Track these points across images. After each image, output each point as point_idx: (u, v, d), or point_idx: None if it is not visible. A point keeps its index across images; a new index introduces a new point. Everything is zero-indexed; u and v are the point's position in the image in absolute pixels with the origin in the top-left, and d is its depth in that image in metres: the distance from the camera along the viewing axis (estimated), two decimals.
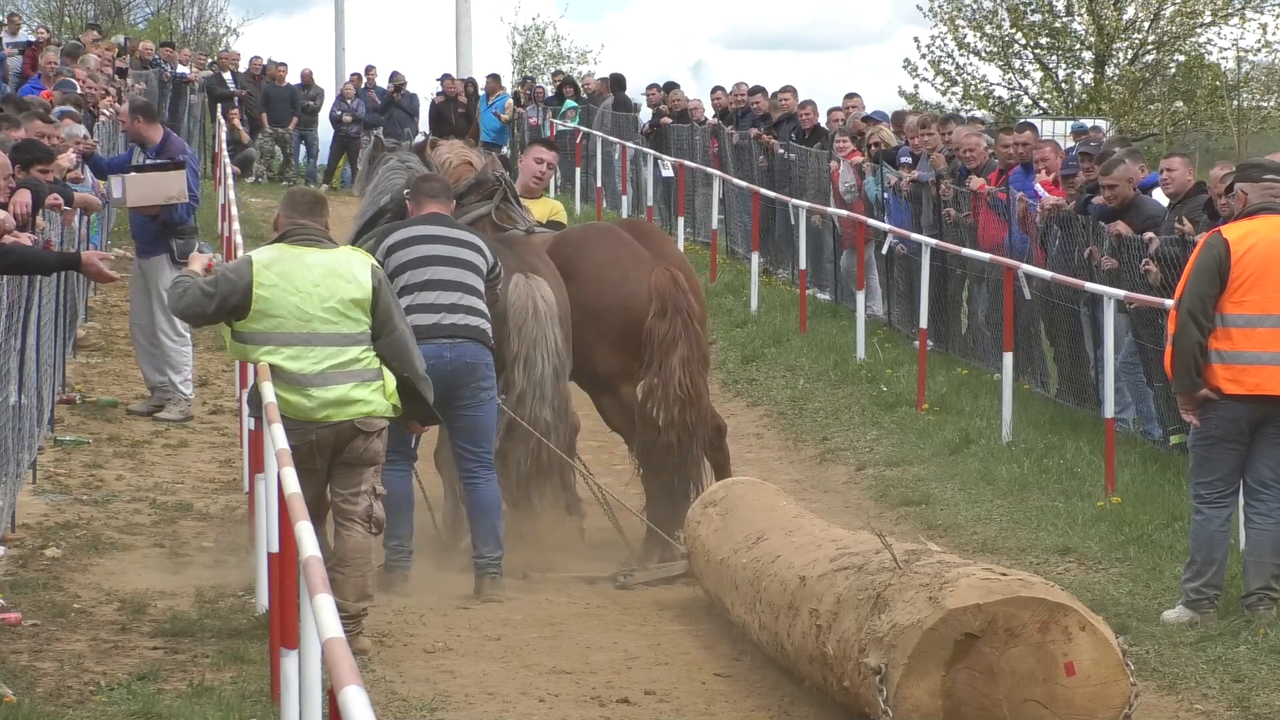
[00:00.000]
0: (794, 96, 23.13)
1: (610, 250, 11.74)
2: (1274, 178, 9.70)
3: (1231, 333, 9.52)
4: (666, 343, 11.46)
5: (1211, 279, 9.50)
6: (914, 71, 39.64)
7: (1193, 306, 9.51)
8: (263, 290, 9.08)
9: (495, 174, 12.09)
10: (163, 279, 14.65)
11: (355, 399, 9.13)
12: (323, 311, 9.11)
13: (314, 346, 9.09)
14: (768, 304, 19.96)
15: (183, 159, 14.61)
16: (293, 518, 6.46)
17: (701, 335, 11.75)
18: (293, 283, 9.11)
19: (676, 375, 11.44)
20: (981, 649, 7.54)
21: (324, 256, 9.23)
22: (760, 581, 9.05)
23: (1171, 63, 38.98)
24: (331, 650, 4.94)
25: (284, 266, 9.16)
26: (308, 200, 9.58)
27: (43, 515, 11.69)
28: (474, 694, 8.67)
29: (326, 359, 9.10)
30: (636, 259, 11.66)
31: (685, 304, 11.56)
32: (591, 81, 32.20)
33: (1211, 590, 9.65)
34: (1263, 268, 9.49)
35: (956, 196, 16.84)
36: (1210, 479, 9.66)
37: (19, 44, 26.83)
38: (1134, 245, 13.27)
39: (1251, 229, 9.57)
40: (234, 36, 50.17)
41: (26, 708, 8.04)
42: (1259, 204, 9.63)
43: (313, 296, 9.11)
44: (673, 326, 11.48)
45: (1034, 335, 15.78)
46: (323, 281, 9.14)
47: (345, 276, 9.19)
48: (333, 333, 9.11)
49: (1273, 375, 9.48)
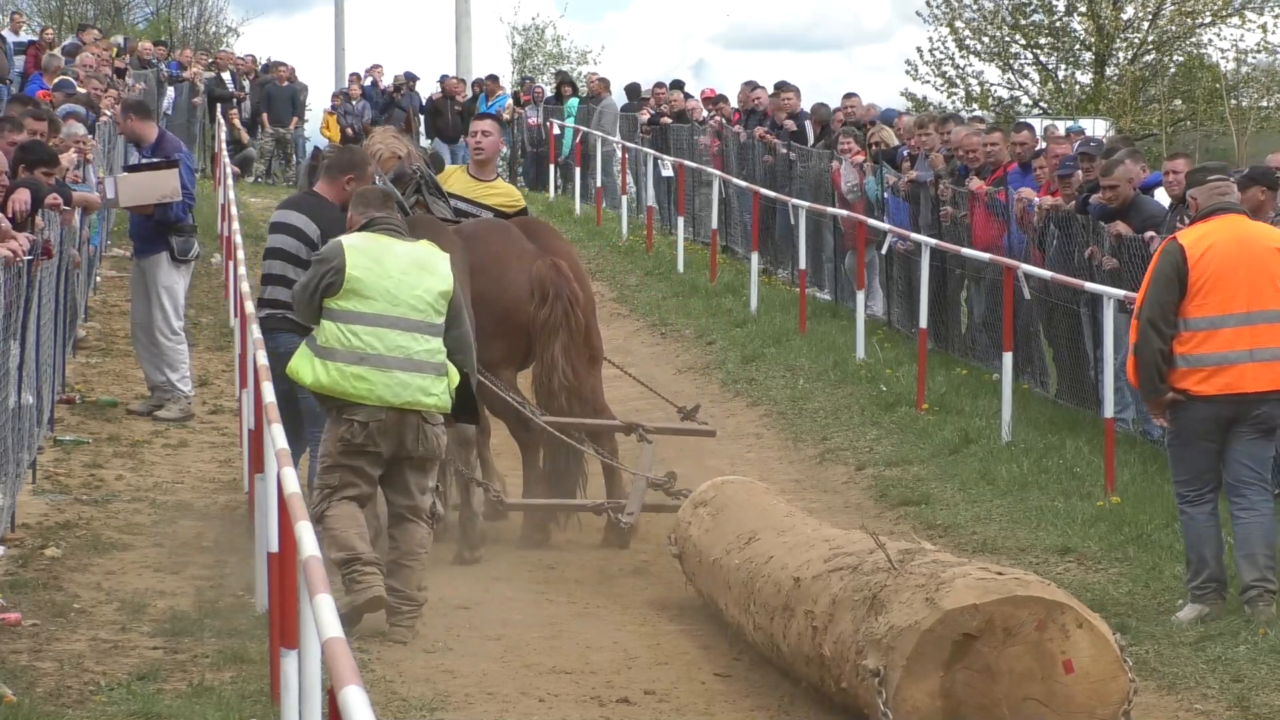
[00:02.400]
0: (796, 96, 23.17)
1: (496, 243, 11.85)
2: (1219, 178, 9.91)
3: (1197, 335, 9.66)
4: (548, 330, 11.66)
5: (1170, 286, 9.65)
6: (915, 74, 39.72)
7: (1152, 315, 9.67)
8: (356, 271, 9.38)
9: (413, 167, 12.23)
10: (162, 277, 14.67)
11: (430, 390, 9.44)
12: (410, 299, 9.43)
13: (400, 331, 9.40)
14: (768, 304, 19.96)
15: (177, 157, 14.61)
16: (293, 518, 6.47)
17: (587, 323, 11.85)
18: (384, 267, 9.44)
19: (560, 365, 11.64)
20: (979, 649, 7.55)
21: (410, 247, 9.59)
22: (754, 582, 9.05)
23: (1171, 63, 39.01)
24: (331, 650, 4.95)
25: (376, 252, 9.48)
26: (379, 195, 9.92)
27: (43, 515, 11.69)
28: (474, 694, 8.68)
29: (410, 345, 9.41)
30: (520, 251, 11.80)
31: (567, 290, 11.69)
32: (593, 81, 32.19)
33: (1213, 583, 9.77)
34: (1220, 269, 9.64)
35: (955, 197, 16.85)
36: (1187, 478, 9.83)
37: (21, 43, 26.85)
38: (1134, 245, 13.27)
39: (1205, 232, 9.73)
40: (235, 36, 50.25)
41: (26, 708, 8.05)
42: (1210, 206, 9.80)
43: (402, 284, 9.43)
44: (553, 313, 11.65)
45: (1033, 335, 15.79)
46: (410, 271, 9.48)
47: (430, 269, 9.54)
48: (419, 320, 9.44)
49: (1241, 374, 9.62)
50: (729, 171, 23.24)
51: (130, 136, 15.14)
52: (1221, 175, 9.96)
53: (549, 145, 30.57)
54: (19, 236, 10.76)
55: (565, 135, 30.09)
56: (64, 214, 13.01)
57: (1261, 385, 9.63)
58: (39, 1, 48.27)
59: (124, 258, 22.25)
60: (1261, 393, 9.64)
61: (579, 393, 11.78)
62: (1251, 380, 9.62)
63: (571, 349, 11.69)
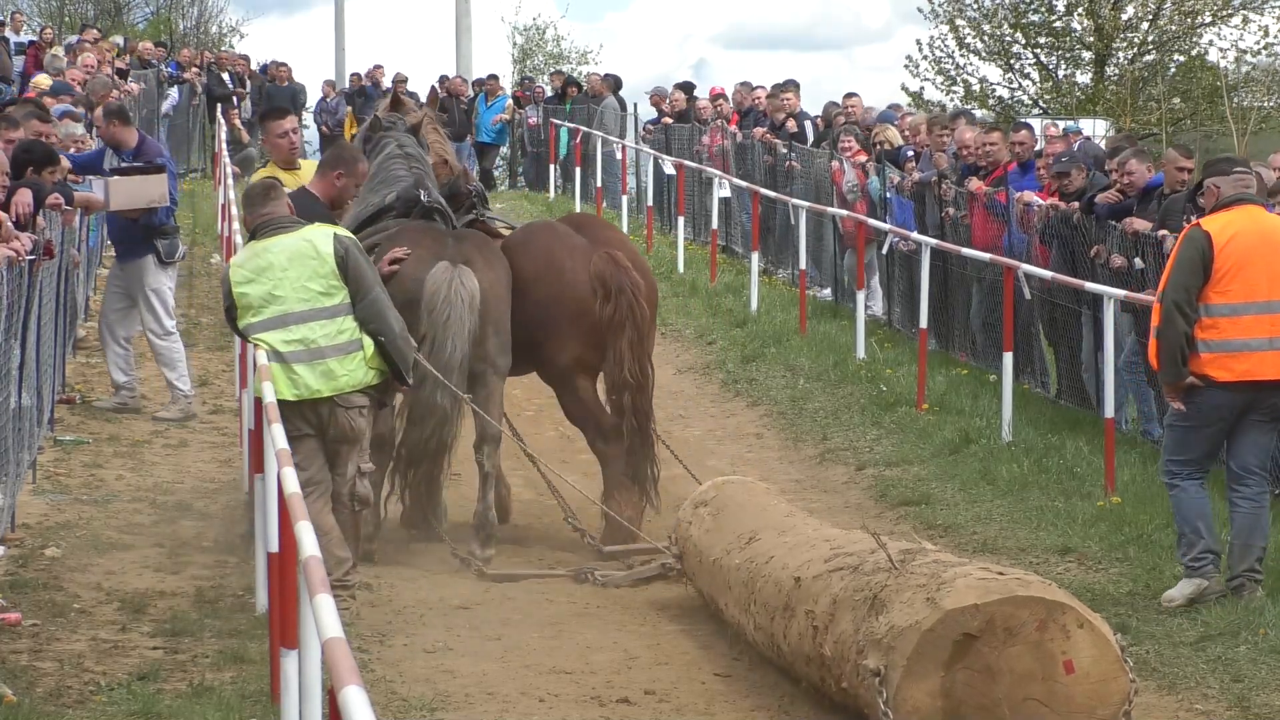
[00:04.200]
0: (796, 95, 23.16)
1: (547, 244, 11.70)
2: (1243, 170, 10.05)
3: (1219, 322, 9.76)
4: (614, 326, 11.45)
5: (1195, 271, 9.74)
6: (915, 70, 39.69)
7: (1178, 298, 9.74)
8: (240, 287, 9.74)
9: (469, 187, 12.20)
10: (149, 280, 14.70)
11: (340, 372, 9.67)
12: (295, 291, 9.65)
13: (294, 325, 9.65)
14: (768, 304, 19.95)
15: (161, 162, 14.62)
16: (293, 518, 6.46)
17: (648, 313, 11.63)
18: (262, 273, 9.70)
19: (626, 360, 11.45)
20: (980, 649, 7.55)
21: (287, 240, 9.79)
22: (754, 583, 9.05)
23: (1171, 63, 39.00)
24: (331, 650, 4.95)
25: (254, 261, 9.78)
26: (260, 191, 10.16)
27: (43, 515, 11.69)
28: (474, 694, 8.68)
29: (309, 334, 9.65)
30: (573, 249, 11.61)
31: (629, 282, 11.48)
32: (594, 80, 32.19)
33: (1209, 554, 9.90)
34: (1244, 257, 9.75)
35: (956, 197, 16.84)
36: (1185, 459, 9.94)
37: (21, 43, 26.86)
38: (1149, 242, 13.18)
39: (1229, 220, 9.83)
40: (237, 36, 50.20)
41: (26, 708, 8.05)
42: (1233, 196, 9.90)
43: (283, 280, 9.67)
44: (618, 308, 11.45)
45: (1034, 335, 15.78)
46: (290, 264, 9.71)
47: (308, 254, 9.74)
48: (309, 309, 9.67)
49: (1261, 361, 9.74)
50: (729, 172, 23.23)
51: (110, 141, 15.10)
52: (1245, 168, 10.11)
53: (549, 145, 30.57)
54: (21, 237, 10.76)
55: (561, 135, 30.08)
56: (65, 214, 13.01)
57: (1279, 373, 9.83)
58: (39, 1, 48.26)
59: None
60: (1278, 380, 9.79)
61: (644, 389, 11.53)
62: (1271, 368, 9.76)
63: (637, 343, 11.47)
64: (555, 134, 30.31)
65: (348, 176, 11.06)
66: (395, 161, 11.92)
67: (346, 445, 9.78)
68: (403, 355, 9.91)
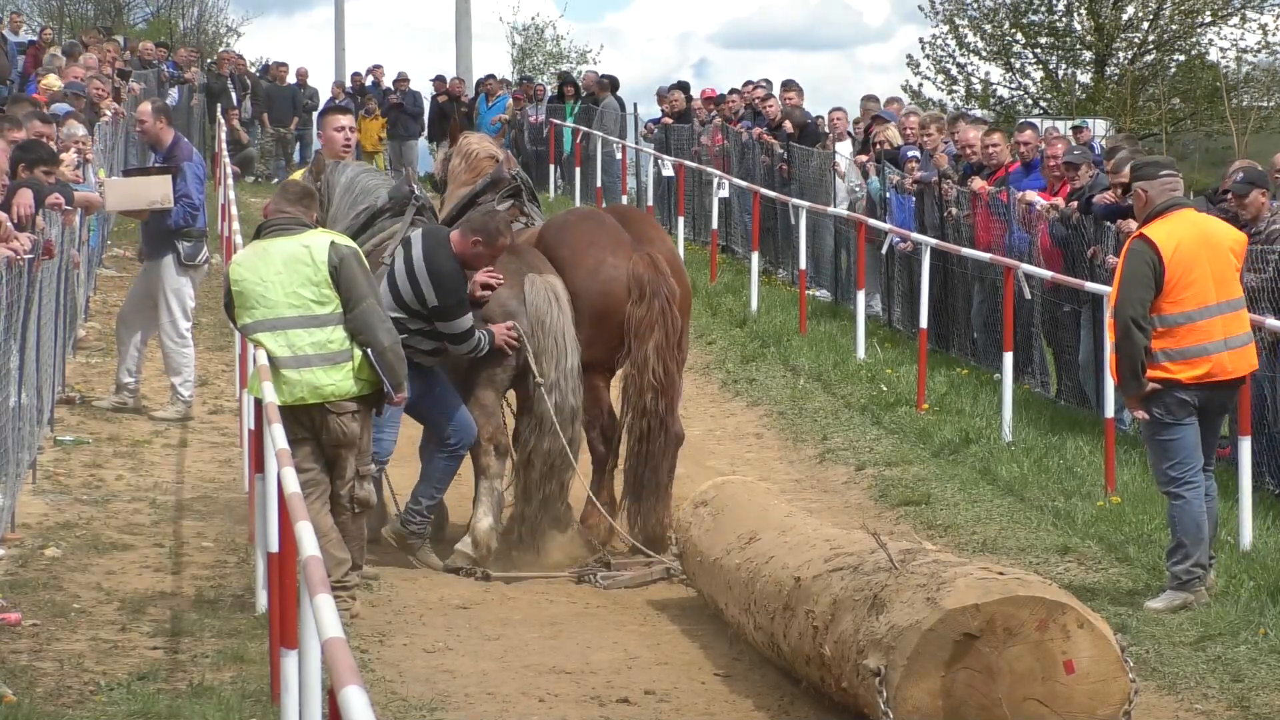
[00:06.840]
0: (798, 95, 23.16)
1: (589, 235, 11.57)
2: (1170, 173, 9.99)
3: (1175, 330, 9.83)
4: (643, 328, 11.33)
5: (1147, 284, 9.76)
6: (916, 69, 39.72)
7: (1134, 313, 9.76)
8: (237, 285, 9.68)
9: (512, 172, 12.13)
10: (169, 280, 14.68)
11: (324, 382, 9.58)
12: (286, 296, 9.58)
13: (282, 331, 9.57)
14: (768, 304, 19.96)
15: (184, 165, 14.59)
16: (293, 518, 6.46)
17: (680, 320, 11.51)
18: (258, 274, 9.62)
19: (651, 363, 11.33)
20: (980, 648, 7.55)
21: (287, 244, 9.68)
22: (754, 583, 9.04)
23: (1172, 63, 39.02)
24: (331, 650, 4.94)
25: (252, 261, 9.70)
26: (296, 190, 10.05)
27: (43, 515, 11.68)
28: (474, 694, 8.68)
29: (298, 340, 9.56)
30: (616, 244, 11.49)
31: (665, 288, 11.36)
32: (589, 79, 32.18)
33: (1200, 569, 9.93)
34: (1190, 264, 9.79)
35: (958, 196, 16.85)
36: (1177, 459, 9.93)
37: (21, 43, 26.86)
38: None
39: (1171, 229, 9.83)
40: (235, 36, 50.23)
41: (26, 708, 8.04)
42: (1165, 203, 9.89)
43: (276, 284, 9.59)
44: (650, 312, 11.33)
45: (1034, 335, 15.78)
46: (285, 268, 9.61)
47: (304, 260, 9.63)
48: (299, 316, 9.58)
49: (1219, 362, 9.84)
50: (730, 172, 23.24)
51: (151, 139, 15.08)
52: (1173, 171, 10.04)
53: (549, 145, 30.56)
54: (21, 236, 10.77)
55: (563, 134, 30.08)
56: (65, 214, 13.01)
57: (1239, 370, 9.95)
58: (39, 1, 48.28)
59: (124, 258, 22.28)
60: (1237, 379, 9.97)
61: (667, 393, 11.40)
62: (1229, 367, 9.87)
63: (665, 348, 11.34)
64: (555, 133, 30.31)
65: (484, 246, 10.90)
66: (364, 176, 11.95)
67: (344, 449, 9.72)
68: (392, 368, 9.67)
